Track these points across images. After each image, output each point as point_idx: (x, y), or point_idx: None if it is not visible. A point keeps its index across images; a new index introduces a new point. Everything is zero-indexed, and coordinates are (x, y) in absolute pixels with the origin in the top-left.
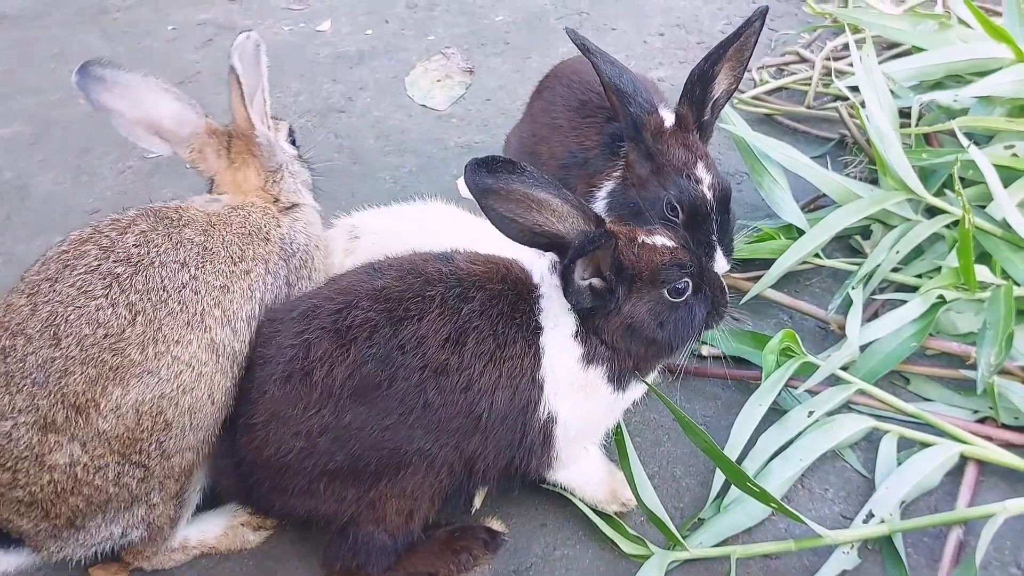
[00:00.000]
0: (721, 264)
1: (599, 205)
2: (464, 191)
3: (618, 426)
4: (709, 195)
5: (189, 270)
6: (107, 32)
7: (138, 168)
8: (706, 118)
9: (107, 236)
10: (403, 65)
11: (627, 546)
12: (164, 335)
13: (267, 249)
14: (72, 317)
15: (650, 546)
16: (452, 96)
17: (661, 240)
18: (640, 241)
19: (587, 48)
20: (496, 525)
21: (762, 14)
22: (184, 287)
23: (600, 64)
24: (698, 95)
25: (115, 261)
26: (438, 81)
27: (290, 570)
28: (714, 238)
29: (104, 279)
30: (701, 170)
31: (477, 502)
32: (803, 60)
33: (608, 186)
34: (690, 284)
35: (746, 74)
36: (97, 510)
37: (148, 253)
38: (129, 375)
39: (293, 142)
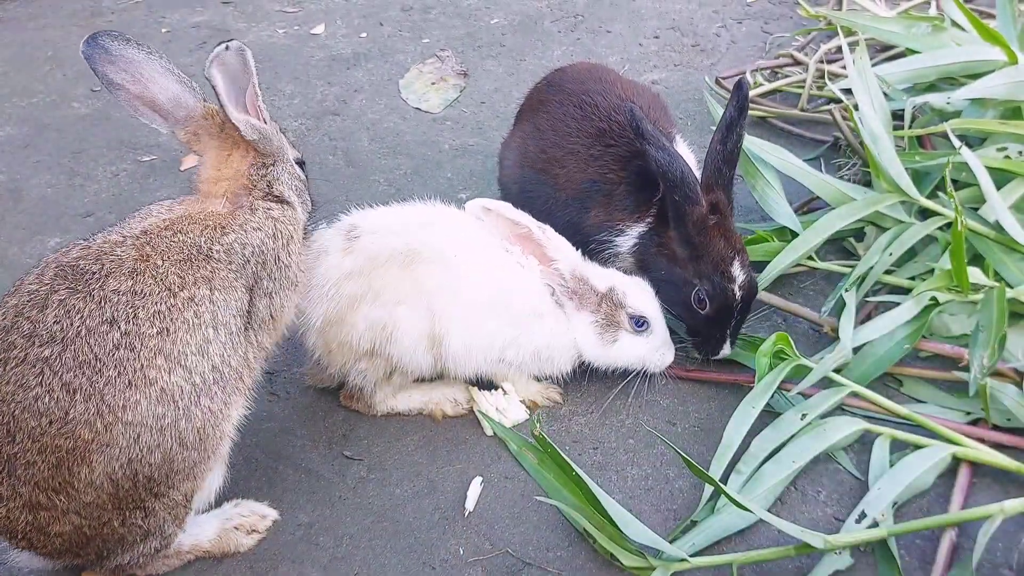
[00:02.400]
0: (725, 351)
1: (627, 244)
2: (471, 211)
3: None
4: (738, 295)
5: (119, 326)
6: None
7: (132, 171)
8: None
9: (27, 319)
10: (398, 68)
11: (628, 559)
12: (108, 405)
13: (210, 267)
14: (18, 413)
15: (651, 560)
16: (446, 99)
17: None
18: None
19: (641, 132)
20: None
21: (743, 84)
22: (117, 348)
23: (652, 151)
24: (727, 176)
25: (40, 345)
26: (432, 84)
27: (282, 573)
28: (728, 332)
29: (34, 367)
30: (736, 268)
31: (470, 504)
32: (797, 63)
33: (638, 229)
34: None
35: (740, 77)
36: (117, 544)
37: (72, 324)
38: (88, 452)
39: (302, 166)
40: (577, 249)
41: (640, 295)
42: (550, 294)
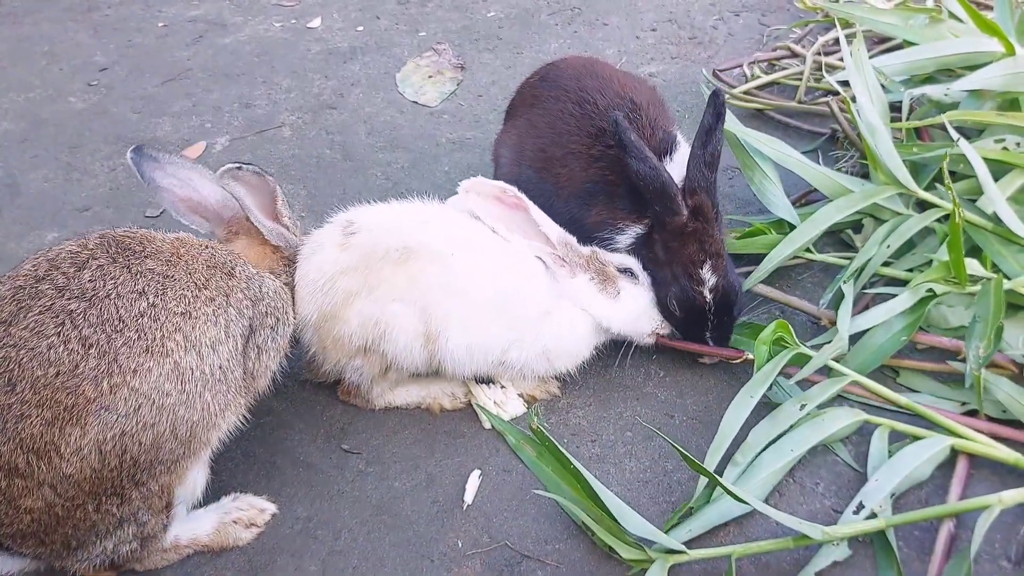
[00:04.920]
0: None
1: (626, 242)
2: (461, 199)
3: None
4: (709, 297)
5: (147, 298)
6: (98, 29)
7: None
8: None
9: (63, 273)
10: (395, 61)
11: (626, 552)
12: (120, 365)
13: (230, 283)
14: (26, 360)
15: (649, 552)
16: (444, 92)
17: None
18: None
19: (624, 144)
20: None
21: (718, 93)
22: (142, 315)
23: (634, 164)
24: (709, 178)
25: (69, 298)
26: (430, 77)
27: (280, 567)
28: (707, 335)
29: (56, 317)
30: (706, 272)
31: (468, 498)
32: (794, 55)
33: (636, 230)
34: None
35: (737, 69)
36: (88, 532)
37: (104, 286)
38: (85, 413)
39: None
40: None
41: (617, 255)
42: (544, 269)
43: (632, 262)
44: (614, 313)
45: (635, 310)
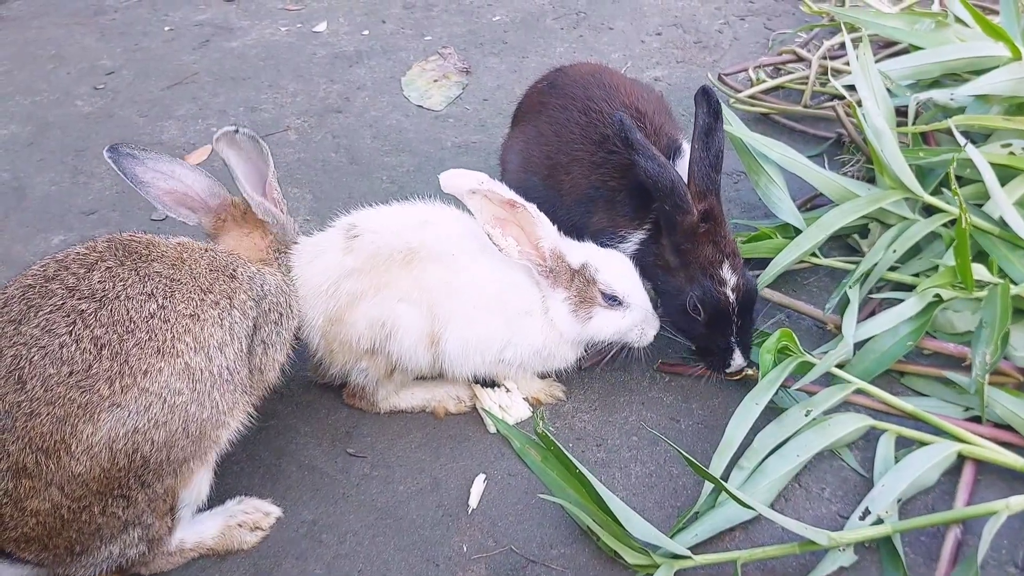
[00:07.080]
0: (738, 362)
1: (629, 250)
2: (447, 187)
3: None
4: (732, 297)
5: (156, 300)
6: (104, 33)
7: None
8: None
9: (73, 274)
10: (400, 65)
11: (631, 556)
12: (131, 367)
13: (232, 286)
14: (36, 358)
15: (655, 557)
16: (449, 96)
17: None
18: None
19: (630, 143)
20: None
21: (708, 90)
22: (152, 316)
23: (641, 161)
24: (716, 181)
25: (80, 299)
26: (435, 81)
27: (285, 570)
28: (733, 340)
29: (68, 316)
30: (726, 271)
31: (473, 502)
32: (800, 59)
33: (639, 236)
34: None
35: (742, 73)
36: (92, 536)
37: (114, 287)
38: (99, 410)
39: None
40: None
41: (613, 271)
42: (528, 275)
43: (621, 287)
44: (577, 333)
45: (603, 334)
